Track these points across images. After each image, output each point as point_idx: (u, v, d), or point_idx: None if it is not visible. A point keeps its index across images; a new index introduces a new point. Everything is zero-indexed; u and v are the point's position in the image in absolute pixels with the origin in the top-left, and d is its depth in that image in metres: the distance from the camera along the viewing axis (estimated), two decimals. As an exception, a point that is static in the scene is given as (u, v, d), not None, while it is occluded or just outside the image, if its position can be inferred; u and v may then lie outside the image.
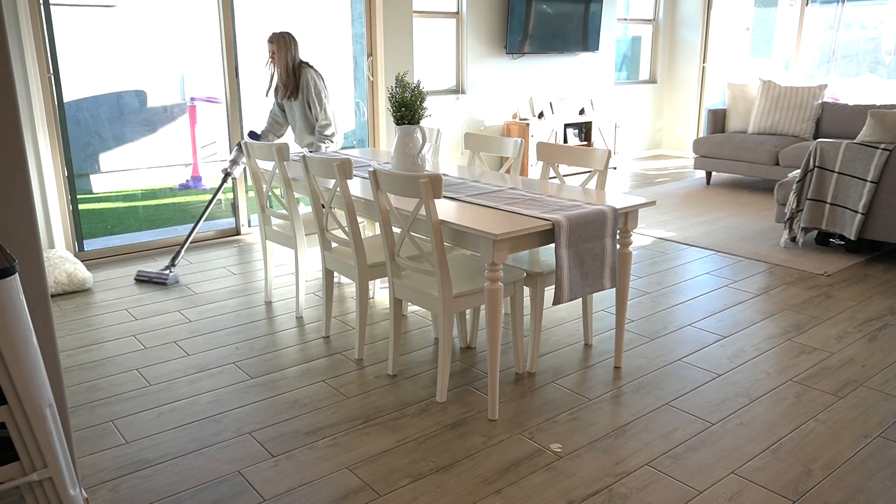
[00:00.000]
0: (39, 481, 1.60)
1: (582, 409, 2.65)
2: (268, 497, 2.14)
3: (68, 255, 4.21)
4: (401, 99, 3.11)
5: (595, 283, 2.63)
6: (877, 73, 7.48)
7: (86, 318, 3.61)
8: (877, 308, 3.64)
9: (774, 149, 6.31)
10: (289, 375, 2.94)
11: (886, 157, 4.25)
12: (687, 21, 8.39)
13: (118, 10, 6.15)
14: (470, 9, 6.59)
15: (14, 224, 1.69)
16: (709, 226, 5.34)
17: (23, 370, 1.50)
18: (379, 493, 2.15)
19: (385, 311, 3.67)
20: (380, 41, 5.71)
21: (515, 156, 3.46)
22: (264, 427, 2.54)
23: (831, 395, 2.74)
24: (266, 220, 3.70)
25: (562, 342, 3.26)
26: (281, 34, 4.06)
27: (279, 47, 4.04)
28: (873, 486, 2.16)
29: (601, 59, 7.79)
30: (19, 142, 1.65)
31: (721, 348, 3.17)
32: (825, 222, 4.54)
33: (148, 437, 2.48)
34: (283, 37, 4.05)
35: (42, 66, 4.23)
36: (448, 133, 6.73)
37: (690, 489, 2.15)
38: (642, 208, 3.29)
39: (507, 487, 2.17)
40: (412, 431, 2.50)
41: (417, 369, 2.99)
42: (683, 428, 2.50)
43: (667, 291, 3.93)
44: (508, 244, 2.39)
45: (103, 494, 2.16)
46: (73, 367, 3.04)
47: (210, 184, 7.44)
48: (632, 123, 8.54)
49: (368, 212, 2.96)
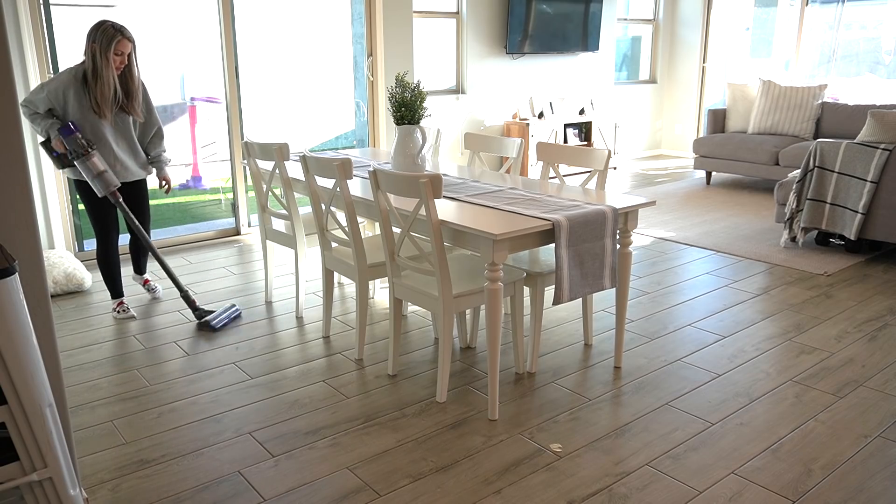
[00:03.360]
0: (39, 481, 1.60)
1: (582, 409, 2.65)
2: (268, 497, 2.14)
3: (68, 255, 4.21)
4: (401, 99, 3.11)
5: (595, 283, 2.63)
6: (877, 73, 7.48)
7: (86, 318, 3.61)
8: (877, 308, 3.64)
9: (774, 149, 6.31)
10: (289, 375, 2.94)
11: (886, 157, 4.25)
12: (687, 21, 8.39)
13: (118, 10, 6.15)
14: (470, 9, 6.59)
15: (14, 224, 1.69)
16: (709, 226, 5.34)
17: (23, 370, 1.50)
18: (379, 493, 2.15)
19: (385, 311, 3.67)
20: (380, 41, 5.71)
21: (515, 156, 3.46)
22: (264, 427, 2.54)
23: (831, 395, 2.74)
24: (266, 220, 3.70)
25: (562, 342, 3.26)
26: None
27: (134, 47, 3.33)
28: (873, 486, 2.16)
29: (601, 59, 7.79)
30: (19, 142, 1.65)
31: (721, 348, 3.17)
32: (825, 222, 4.54)
33: (148, 437, 2.48)
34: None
35: (42, 66, 4.23)
36: (448, 133, 6.73)
37: (690, 489, 2.15)
38: (642, 208, 3.29)
39: (507, 487, 2.17)
40: (412, 431, 2.50)
41: (417, 369, 2.99)
42: (683, 428, 2.50)
43: (667, 291, 3.93)
44: (508, 244, 2.39)
45: (103, 494, 2.16)
46: (73, 367, 3.04)
47: (210, 184, 7.44)
48: (632, 123, 8.54)
49: (368, 212, 2.96)
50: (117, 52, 3.23)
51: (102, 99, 3.26)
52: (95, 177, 3.28)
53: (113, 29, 3.20)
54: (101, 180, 3.30)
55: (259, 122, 8.50)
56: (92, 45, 3.20)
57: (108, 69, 3.23)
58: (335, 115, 8.80)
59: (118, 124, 3.42)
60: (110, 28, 3.20)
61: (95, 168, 3.27)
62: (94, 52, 3.20)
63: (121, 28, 3.23)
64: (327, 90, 8.67)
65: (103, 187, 3.31)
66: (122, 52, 3.25)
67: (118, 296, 3.64)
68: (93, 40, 3.20)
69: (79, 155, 3.23)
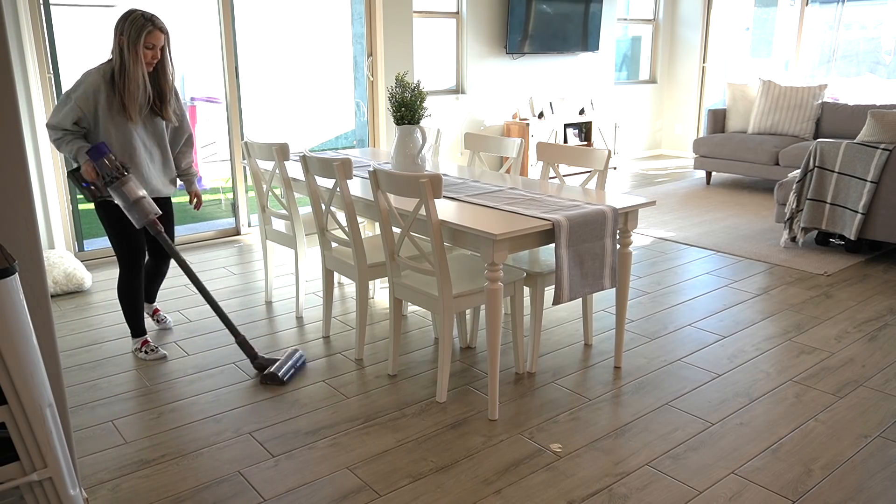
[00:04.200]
0: (39, 481, 1.60)
1: (582, 409, 2.65)
2: (268, 497, 2.14)
3: (68, 255, 4.21)
4: (401, 99, 3.11)
5: (595, 283, 2.63)
6: (877, 73, 7.48)
7: (86, 318, 3.61)
8: (877, 308, 3.64)
9: (774, 149, 6.31)
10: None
11: (886, 157, 4.25)
12: (687, 21, 8.39)
13: (118, 10, 6.15)
14: (470, 9, 6.59)
15: (14, 224, 1.69)
16: (709, 226, 5.34)
17: (23, 370, 1.50)
18: (379, 493, 2.15)
19: (385, 311, 3.67)
20: (380, 41, 5.71)
21: (515, 156, 3.47)
22: (264, 427, 2.54)
23: (831, 395, 2.74)
24: (266, 220, 3.70)
25: (562, 342, 3.26)
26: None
27: (168, 40, 2.91)
28: (873, 486, 2.16)
29: (601, 59, 7.79)
30: (19, 142, 1.65)
31: (721, 348, 3.17)
32: (825, 222, 4.54)
33: (148, 437, 2.48)
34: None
35: (42, 66, 4.23)
36: (448, 133, 6.73)
37: (690, 489, 2.15)
38: (642, 208, 3.29)
39: (507, 487, 2.17)
40: (412, 431, 2.50)
41: (417, 369, 2.99)
42: (683, 428, 2.50)
43: (667, 291, 3.93)
44: (508, 244, 2.39)
45: (103, 494, 2.16)
46: (73, 367, 3.04)
47: (210, 184, 7.44)
48: (632, 123, 8.54)
49: (368, 212, 2.96)
50: (148, 44, 2.77)
51: (130, 100, 2.80)
52: (132, 205, 2.78)
53: (143, 18, 2.76)
54: (139, 209, 2.79)
55: (259, 122, 8.50)
56: (119, 38, 2.75)
57: (138, 65, 2.77)
58: (335, 115, 8.80)
59: (149, 130, 2.95)
60: (140, 17, 2.75)
61: (132, 194, 2.77)
62: (122, 46, 2.75)
63: (152, 17, 2.78)
64: (327, 90, 8.67)
65: (141, 217, 2.80)
66: (154, 45, 2.80)
67: (141, 334, 3.14)
68: (120, 32, 2.75)
69: (112, 180, 2.75)
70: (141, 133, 2.91)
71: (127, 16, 2.76)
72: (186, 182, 3.22)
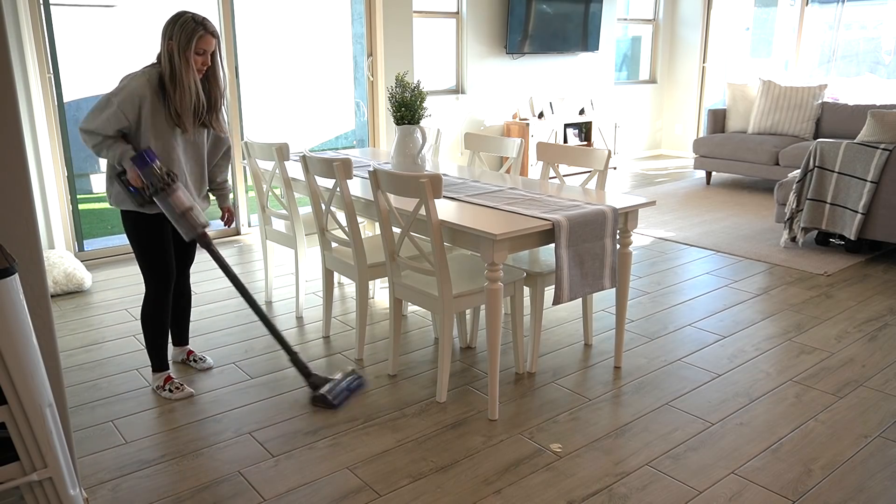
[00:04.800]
0: (39, 481, 1.60)
1: (582, 409, 2.65)
2: (268, 497, 2.14)
3: (68, 255, 4.21)
4: (401, 99, 3.11)
5: (595, 283, 2.63)
6: (877, 73, 7.48)
7: (86, 318, 3.61)
8: (877, 308, 3.64)
9: (774, 149, 6.31)
10: (289, 375, 2.94)
11: (886, 157, 4.25)
12: (687, 21, 8.39)
13: (118, 10, 6.15)
14: (470, 9, 6.59)
15: (14, 224, 1.69)
16: (709, 226, 5.34)
17: (23, 370, 1.50)
18: (379, 493, 2.15)
19: (385, 311, 3.67)
20: (380, 41, 5.71)
21: (515, 156, 3.47)
22: (264, 427, 2.54)
23: (831, 395, 2.74)
24: (266, 220, 3.70)
25: (562, 342, 3.26)
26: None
27: (219, 44, 2.67)
28: (873, 486, 2.16)
29: (601, 59, 7.79)
30: (19, 142, 1.65)
31: (721, 348, 3.17)
32: (825, 222, 4.54)
33: (148, 437, 2.48)
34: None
35: (42, 66, 4.23)
36: (448, 133, 6.73)
37: (690, 489, 2.15)
38: (642, 208, 3.29)
39: (507, 487, 2.17)
40: (412, 431, 2.50)
41: (417, 369, 2.99)
42: (683, 428, 2.50)
43: (667, 291, 3.93)
44: (508, 244, 2.39)
45: (103, 494, 2.16)
46: (73, 367, 3.04)
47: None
48: (632, 123, 8.54)
49: (368, 212, 2.96)
50: (199, 50, 2.54)
51: (184, 109, 2.56)
52: (180, 216, 2.56)
53: (194, 22, 2.52)
54: (187, 221, 2.57)
55: (259, 122, 8.50)
56: (168, 43, 2.51)
57: (189, 72, 2.54)
58: (335, 115, 8.80)
59: (190, 142, 2.70)
60: (191, 21, 2.52)
61: (181, 205, 2.55)
62: (171, 52, 2.52)
63: (203, 21, 2.55)
64: (327, 90, 8.68)
65: (189, 229, 2.59)
66: (205, 51, 2.57)
67: (164, 368, 2.82)
68: (170, 37, 2.51)
69: (159, 189, 2.52)
70: (182, 144, 2.67)
71: (176, 18, 2.54)
72: (220, 197, 2.99)
